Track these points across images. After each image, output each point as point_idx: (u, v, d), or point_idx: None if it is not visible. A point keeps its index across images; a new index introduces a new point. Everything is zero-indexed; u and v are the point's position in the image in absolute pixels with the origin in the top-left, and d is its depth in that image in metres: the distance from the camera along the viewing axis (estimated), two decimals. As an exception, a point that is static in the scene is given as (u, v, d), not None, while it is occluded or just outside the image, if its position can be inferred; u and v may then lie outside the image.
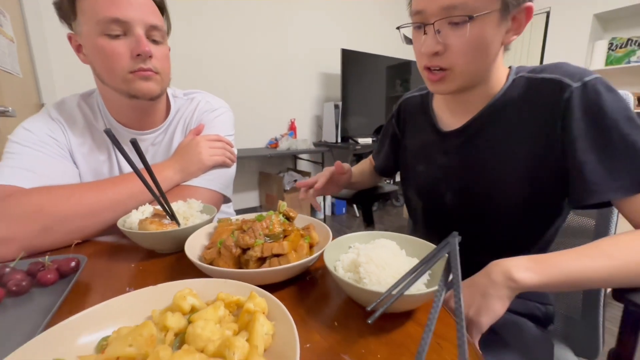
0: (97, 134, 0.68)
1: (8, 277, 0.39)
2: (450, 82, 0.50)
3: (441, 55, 0.48)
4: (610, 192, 0.43)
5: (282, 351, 0.26)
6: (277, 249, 0.41)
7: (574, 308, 0.63)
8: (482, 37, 0.45)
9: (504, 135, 0.52)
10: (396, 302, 0.30)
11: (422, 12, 0.47)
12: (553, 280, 0.39)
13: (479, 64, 0.49)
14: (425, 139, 0.64)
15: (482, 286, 0.41)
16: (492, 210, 0.55)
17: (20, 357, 0.24)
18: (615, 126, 0.43)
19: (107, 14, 0.56)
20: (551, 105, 0.47)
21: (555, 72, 0.48)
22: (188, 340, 0.25)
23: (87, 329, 0.28)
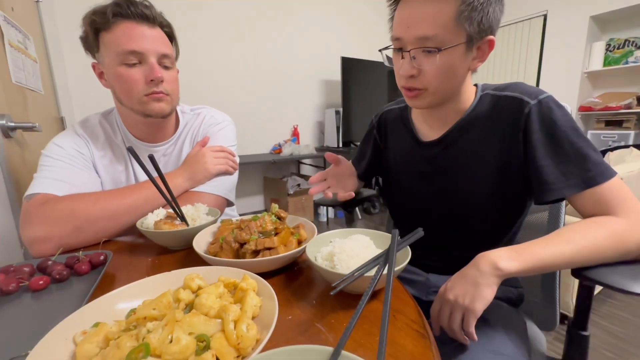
0: (116, 148, 0.78)
1: (51, 268, 0.48)
2: (424, 99, 0.58)
3: (416, 78, 0.55)
4: (565, 189, 0.51)
5: (266, 319, 0.34)
6: (268, 243, 0.49)
7: (535, 289, 0.71)
8: (451, 64, 0.53)
9: (475, 144, 0.60)
10: (357, 282, 0.38)
11: (401, 39, 0.54)
12: (530, 266, 0.47)
13: (448, 85, 0.56)
14: (406, 148, 0.71)
15: (473, 277, 0.47)
16: (467, 209, 0.63)
17: (71, 322, 0.32)
18: (565, 136, 0.51)
19: (126, 47, 0.66)
20: (514, 118, 0.55)
21: (516, 91, 0.57)
22: (195, 308, 0.34)
23: (119, 302, 0.37)
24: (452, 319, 0.47)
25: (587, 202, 0.51)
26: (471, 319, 0.46)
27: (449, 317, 0.47)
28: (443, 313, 0.48)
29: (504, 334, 0.54)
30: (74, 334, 0.32)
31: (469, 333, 0.46)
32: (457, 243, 0.66)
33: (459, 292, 0.47)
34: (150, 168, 0.57)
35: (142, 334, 0.29)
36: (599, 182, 0.49)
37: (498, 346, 0.51)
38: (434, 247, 0.68)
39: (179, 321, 0.30)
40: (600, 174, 0.49)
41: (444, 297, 0.48)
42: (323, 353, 0.26)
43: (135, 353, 0.26)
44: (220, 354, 0.28)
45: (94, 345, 0.30)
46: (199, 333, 0.30)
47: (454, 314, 0.47)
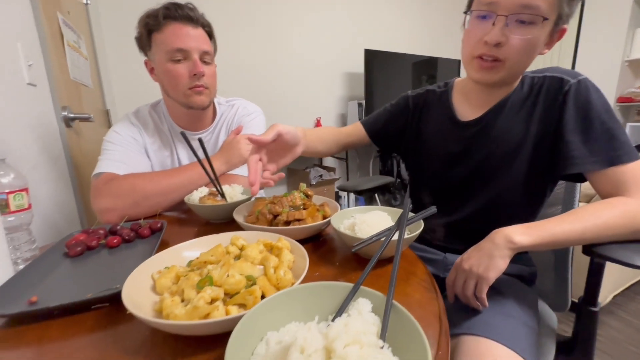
0: (163, 136, 0.89)
1: (121, 232, 0.59)
2: (498, 72, 0.57)
3: (500, 47, 0.54)
4: (588, 164, 0.54)
5: (298, 270, 0.42)
6: (298, 215, 0.57)
7: (548, 271, 0.74)
8: (537, 40, 0.53)
9: (512, 125, 0.62)
10: (374, 246, 0.45)
11: (495, 3, 0.53)
12: (542, 241, 0.50)
13: (524, 63, 0.57)
14: (441, 129, 0.72)
15: (488, 249, 0.51)
16: (497, 189, 0.65)
17: (148, 265, 0.42)
18: (598, 116, 0.54)
19: (173, 45, 0.75)
20: (553, 96, 0.58)
21: (556, 72, 0.60)
22: (242, 257, 0.42)
23: (182, 252, 0.46)
24: (466, 286, 0.52)
25: (606, 180, 0.53)
26: (484, 285, 0.50)
27: (463, 285, 0.52)
28: (458, 281, 0.53)
29: (514, 302, 0.58)
30: (152, 273, 0.41)
31: (481, 299, 0.51)
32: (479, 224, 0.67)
33: (473, 262, 0.52)
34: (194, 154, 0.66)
35: (204, 273, 0.38)
36: (624, 161, 0.51)
37: (508, 310, 0.56)
38: (454, 228, 0.71)
39: (232, 265, 0.38)
40: (626, 153, 0.52)
41: (460, 267, 0.53)
42: (346, 288, 0.33)
43: (203, 282, 0.35)
44: (263, 289, 0.36)
45: (168, 280, 0.39)
46: (247, 274, 0.38)
47: (468, 281, 0.52)
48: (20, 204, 0.47)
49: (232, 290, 0.35)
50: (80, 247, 0.52)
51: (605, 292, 1.43)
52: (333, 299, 0.32)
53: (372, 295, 0.32)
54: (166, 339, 0.33)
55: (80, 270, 0.48)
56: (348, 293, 0.32)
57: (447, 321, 0.36)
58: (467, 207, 0.69)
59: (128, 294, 0.34)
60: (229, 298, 0.35)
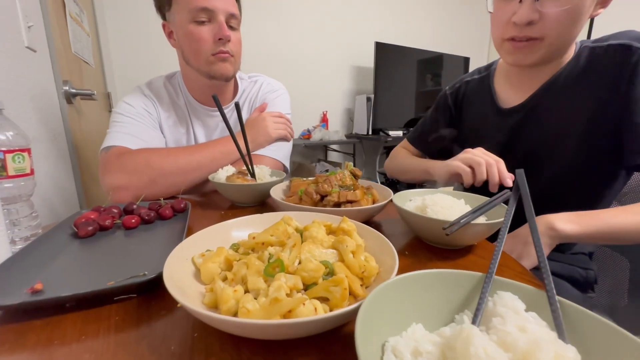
0: (178, 110, 0.79)
1: (139, 211, 0.49)
2: (536, 52, 0.49)
3: (533, 25, 0.46)
4: None
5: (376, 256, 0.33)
6: (351, 196, 0.48)
7: (621, 279, 0.65)
8: (581, 6, 0.45)
9: (564, 105, 0.54)
10: (464, 231, 0.36)
11: None
12: (593, 230, 0.42)
13: (570, 35, 0.48)
14: (485, 118, 0.65)
15: (524, 235, 0.45)
16: (547, 180, 0.58)
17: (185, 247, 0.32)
18: None
19: (198, 4, 0.66)
20: (618, 68, 0.48)
21: (623, 38, 0.49)
22: (306, 239, 0.33)
23: (229, 233, 0.37)
24: None
25: None
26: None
27: None
28: None
29: None
30: (192, 256, 0.32)
31: None
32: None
33: (507, 249, 0.45)
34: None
35: (265, 257, 0.29)
36: None
37: None
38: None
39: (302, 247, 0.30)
40: None
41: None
42: (473, 277, 0.24)
43: (272, 268, 0.26)
44: (348, 279, 0.27)
45: (216, 265, 0.30)
46: (320, 260, 0.29)
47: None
48: (20, 167, 0.37)
49: (310, 279, 0.26)
50: (91, 226, 0.43)
51: None
52: (458, 290, 0.24)
53: (515, 287, 0.23)
54: (223, 344, 0.24)
55: (93, 254, 0.39)
56: (479, 284, 0.24)
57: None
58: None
59: (171, 281, 0.25)
60: (304, 290, 0.26)
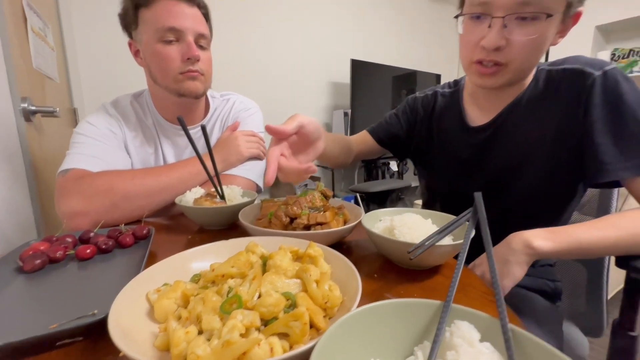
0: (146, 130, 0.77)
1: (95, 239, 0.46)
2: (501, 77, 0.51)
3: (501, 50, 0.47)
4: (621, 171, 0.47)
5: (340, 284, 0.33)
6: (321, 218, 0.48)
7: (580, 293, 0.68)
8: (545, 36, 0.46)
9: (527, 125, 0.56)
10: (429, 253, 0.37)
11: (490, 4, 0.46)
12: (566, 247, 0.44)
13: (533, 61, 0.51)
14: (452, 134, 0.66)
15: (503, 254, 0.45)
16: (513, 196, 0.59)
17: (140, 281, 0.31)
18: (631, 112, 0.47)
19: (165, 23, 0.65)
20: (575, 92, 0.51)
21: (577, 63, 0.52)
22: (269, 269, 0.32)
23: (187, 265, 0.35)
24: None
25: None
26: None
27: None
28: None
29: (533, 324, 0.52)
30: (147, 292, 0.30)
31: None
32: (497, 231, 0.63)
33: (486, 269, 0.45)
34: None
35: (224, 290, 0.28)
36: None
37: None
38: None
39: (262, 279, 0.29)
40: None
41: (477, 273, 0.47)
42: (431, 306, 0.24)
43: (229, 304, 0.25)
44: (310, 311, 0.27)
45: (172, 302, 0.28)
46: (282, 291, 0.28)
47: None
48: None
49: (269, 314, 0.25)
50: (39, 259, 0.40)
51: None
52: (416, 321, 0.24)
53: (471, 315, 0.23)
54: (175, 390, 0.23)
55: (40, 291, 0.36)
56: (435, 314, 0.23)
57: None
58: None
59: (118, 323, 0.23)
60: (263, 326, 0.25)
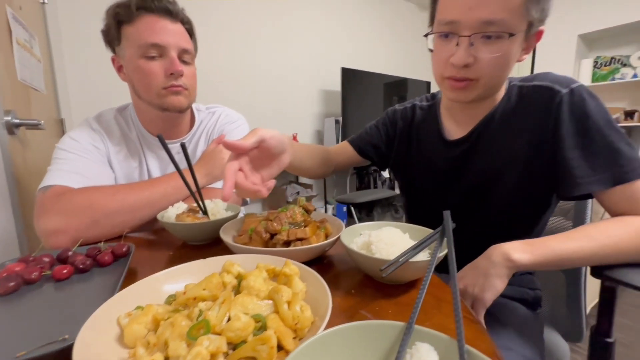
0: (130, 144, 0.77)
1: (73, 259, 0.46)
2: (472, 91, 0.53)
3: (469, 67, 0.50)
4: (592, 184, 0.49)
5: (314, 302, 0.33)
6: (300, 233, 0.48)
7: (560, 299, 0.69)
8: (510, 53, 0.49)
9: (503, 139, 0.58)
10: (402, 269, 0.38)
11: (456, 23, 0.48)
12: (544, 259, 0.45)
13: (501, 77, 0.53)
14: (431, 147, 0.68)
15: (484, 267, 0.46)
16: (491, 208, 0.61)
17: (112, 305, 0.31)
18: (597, 128, 0.49)
19: (148, 40, 0.65)
20: (544, 109, 0.53)
21: (545, 80, 0.55)
22: (243, 290, 0.32)
23: (160, 286, 0.35)
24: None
25: (616, 199, 0.49)
26: (480, 308, 0.45)
27: None
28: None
29: (514, 333, 0.53)
30: (118, 316, 0.30)
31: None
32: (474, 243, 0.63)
33: (468, 282, 0.47)
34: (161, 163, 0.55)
35: (195, 314, 0.28)
36: (631, 178, 0.47)
37: (505, 342, 0.50)
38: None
39: (234, 301, 0.29)
40: (633, 170, 0.47)
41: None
42: (395, 328, 0.25)
43: (196, 330, 0.25)
44: (279, 333, 0.27)
45: (142, 326, 0.28)
46: (252, 314, 0.29)
47: (463, 303, 0.46)
48: None
49: (237, 338, 0.26)
50: (13, 281, 0.39)
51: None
52: (379, 343, 0.24)
53: (432, 338, 0.24)
54: (140, 419, 0.23)
55: (12, 315, 0.36)
56: (399, 335, 0.24)
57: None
58: (463, 227, 0.62)
59: (83, 351, 0.23)
60: (232, 350, 0.26)
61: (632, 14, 2.84)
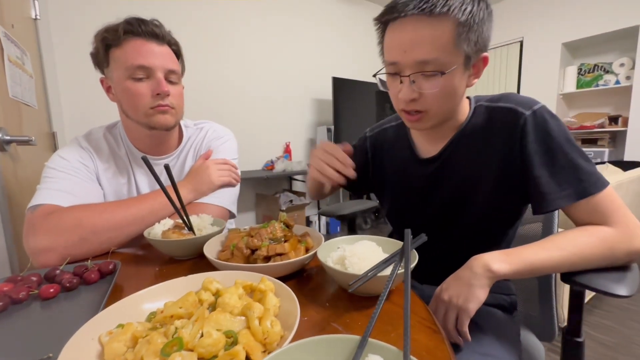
0: (119, 161, 0.79)
1: (60, 277, 0.48)
2: (425, 122, 0.57)
3: (417, 101, 0.54)
4: (560, 200, 0.52)
5: (285, 317, 0.36)
6: (280, 249, 0.51)
7: (533, 301, 0.73)
8: (451, 86, 0.53)
9: (473, 156, 0.61)
10: (371, 283, 0.40)
11: (397, 64, 0.53)
12: (520, 269, 0.49)
13: (449, 106, 0.57)
14: (404, 165, 0.71)
15: (466, 278, 0.49)
16: (465, 220, 0.64)
17: (95, 324, 0.33)
18: (559, 147, 0.53)
19: (134, 62, 0.68)
20: (510, 129, 0.56)
21: (510, 102, 0.58)
22: (219, 307, 0.35)
23: (140, 304, 0.37)
24: (447, 318, 0.49)
25: (581, 211, 0.52)
26: (464, 318, 0.48)
27: (444, 316, 0.49)
28: (438, 313, 0.50)
29: (493, 338, 0.56)
30: (99, 335, 0.32)
31: (463, 332, 0.48)
32: (452, 254, 0.66)
33: (453, 293, 0.49)
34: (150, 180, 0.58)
35: (171, 331, 0.30)
36: (591, 192, 0.50)
37: (487, 349, 0.53)
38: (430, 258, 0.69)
39: (207, 318, 0.31)
40: (592, 184, 0.51)
41: (440, 298, 0.51)
42: (350, 341, 0.27)
43: (169, 347, 0.27)
44: (248, 348, 0.29)
45: (122, 344, 0.30)
46: (225, 329, 0.31)
47: (449, 313, 0.49)
48: None
49: (208, 353, 0.28)
50: (1, 301, 0.41)
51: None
52: (337, 356, 0.27)
53: (383, 350, 0.26)
54: None
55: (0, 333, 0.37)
56: (354, 348, 0.27)
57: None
58: (440, 240, 0.66)
59: (64, 371, 0.25)
60: (204, 364, 0.28)
61: (613, 23, 2.94)
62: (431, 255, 0.68)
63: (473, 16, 0.49)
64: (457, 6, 0.48)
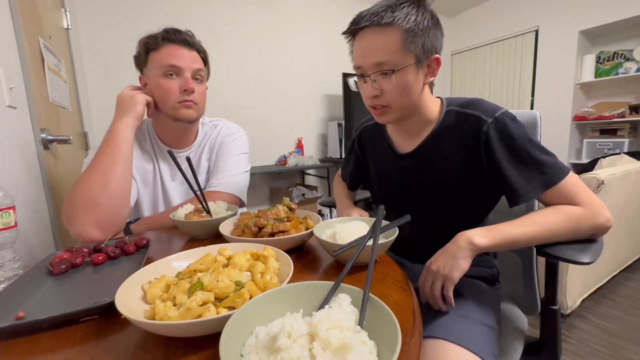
0: (144, 152, 0.92)
1: (106, 249, 0.59)
2: (390, 115, 0.66)
3: (379, 97, 0.64)
4: (531, 193, 0.60)
5: (283, 276, 0.45)
6: (282, 227, 0.60)
7: (518, 277, 0.79)
8: (406, 82, 0.61)
9: (445, 155, 0.69)
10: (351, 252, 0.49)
11: (361, 67, 0.64)
12: (499, 241, 0.56)
13: (407, 100, 0.65)
14: (385, 160, 0.81)
15: (452, 251, 0.57)
16: (442, 206, 0.73)
17: (138, 276, 0.43)
18: (522, 147, 0.60)
19: (168, 62, 0.81)
20: (475, 135, 0.64)
21: (476, 109, 0.65)
22: (230, 265, 0.44)
23: (171, 263, 0.47)
24: (434, 286, 0.57)
25: (551, 198, 0.60)
26: (449, 285, 0.56)
27: (432, 285, 0.57)
28: (427, 282, 0.58)
29: (472, 303, 0.64)
30: (142, 284, 0.42)
31: (448, 297, 0.56)
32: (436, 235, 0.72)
33: (440, 264, 0.57)
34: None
35: (194, 280, 0.40)
36: (555, 182, 0.58)
37: (466, 311, 0.61)
38: (417, 241, 0.78)
39: (221, 272, 0.41)
40: (555, 175, 0.58)
41: (429, 269, 0.59)
42: (326, 286, 0.36)
43: (194, 287, 0.37)
44: (252, 293, 0.39)
45: (159, 289, 0.40)
46: (235, 280, 0.41)
47: (436, 282, 0.57)
48: (7, 221, 0.47)
49: (222, 294, 0.37)
50: (64, 264, 0.52)
51: (575, 296, 1.52)
52: (316, 297, 0.36)
53: (350, 290, 0.35)
54: (158, 344, 0.35)
55: (66, 287, 0.49)
56: (329, 290, 0.35)
57: (420, 313, 0.40)
58: (423, 225, 0.74)
59: (121, 304, 0.36)
60: (219, 302, 0.37)
61: (634, 9, 2.83)
62: (418, 238, 0.76)
63: (417, 24, 0.58)
64: (401, 17, 0.58)
